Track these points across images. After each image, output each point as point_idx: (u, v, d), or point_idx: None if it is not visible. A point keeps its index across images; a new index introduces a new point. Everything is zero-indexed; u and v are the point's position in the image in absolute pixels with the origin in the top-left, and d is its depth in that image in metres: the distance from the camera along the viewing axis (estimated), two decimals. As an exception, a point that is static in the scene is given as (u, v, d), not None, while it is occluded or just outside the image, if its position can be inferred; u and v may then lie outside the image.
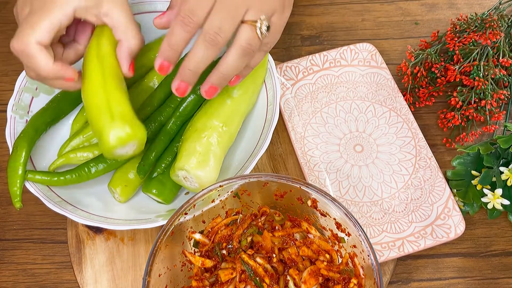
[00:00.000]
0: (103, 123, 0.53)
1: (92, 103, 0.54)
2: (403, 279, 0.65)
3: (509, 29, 0.75)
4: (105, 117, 0.53)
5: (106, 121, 0.53)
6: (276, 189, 0.57)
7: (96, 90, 0.54)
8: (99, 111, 0.53)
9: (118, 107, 0.54)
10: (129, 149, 0.55)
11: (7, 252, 0.67)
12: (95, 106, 0.54)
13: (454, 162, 0.66)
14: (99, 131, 0.53)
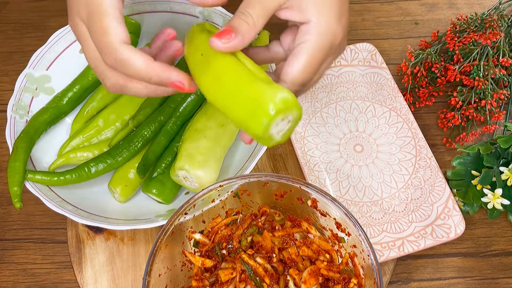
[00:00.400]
0: (260, 90, 0.43)
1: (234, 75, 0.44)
2: (403, 279, 0.65)
3: (509, 29, 0.75)
4: (258, 83, 0.43)
5: (263, 87, 0.43)
6: (276, 189, 0.57)
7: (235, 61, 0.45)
8: (247, 81, 0.43)
9: (263, 74, 0.45)
10: (282, 126, 0.44)
11: (7, 252, 0.67)
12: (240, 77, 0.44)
13: (454, 162, 0.66)
14: (252, 102, 0.43)
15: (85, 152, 0.65)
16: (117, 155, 0.63)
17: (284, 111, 0.43)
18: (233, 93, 0.44)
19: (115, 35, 0.43)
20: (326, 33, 0.45)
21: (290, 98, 0.43)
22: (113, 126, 0.67)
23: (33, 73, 0.67)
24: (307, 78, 0.46)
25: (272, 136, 0.44)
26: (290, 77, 0.46)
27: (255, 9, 0.44)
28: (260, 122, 0.42)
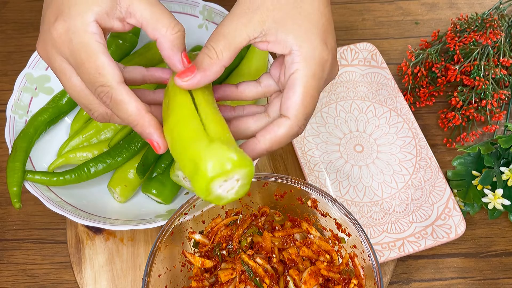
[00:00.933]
0: (198, 149, 0.40)
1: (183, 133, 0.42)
2: (404, 279, 0.65)
3: (509, 29, 0.75)
4: (200, 142, 0.41)
5: (201, 146, 0.40)
6: (276, 189, 0.57)
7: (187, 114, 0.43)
8: (192, 138, 0.42)
9: (213, 128, 0.42)
10: (231, 185, 0.42)
11: (6, 252, 0.67)
12: (188, 135, 0.42)
13: (455, 162, 0.66)
14: (193, 163, 0.41)
15: (85, 152, 0.65)
16: (117, 155, 0.63)
17: (223, 174, 0.40)
18: (180, 150, 0.43)
19: (111, 75, 0.43)
20: (313, 56, 0.43)
21: (230, 160, 0.40)
22: (113, 126, 0.67)
23: (32, 73, 0.67)
24: (309, 108, 0.44)
25: (220, 196, 0.42)
26: (291, 112, 0.44)
27: (219, 42, 0.43)
28: (199, 185, 0.40)
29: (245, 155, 0.41)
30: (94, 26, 0.43)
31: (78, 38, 0.42)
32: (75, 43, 0.43)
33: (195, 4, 0.70)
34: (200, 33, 0.72)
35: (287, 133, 0.44)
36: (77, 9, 0.43)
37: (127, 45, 0.70)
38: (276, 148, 0.45)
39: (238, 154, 0.40)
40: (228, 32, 0.43)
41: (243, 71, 0.66)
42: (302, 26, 0.43)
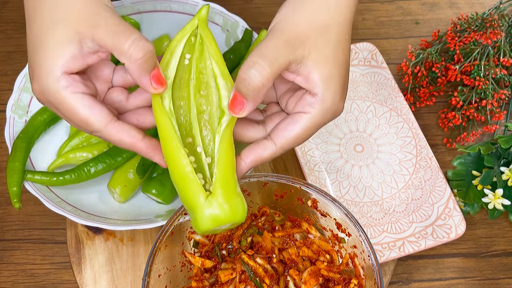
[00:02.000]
0: (194, 201, 0.43)
1: (175, 172, 0.44)
2: (404, 279, 0.65)
3: (509, 29, 0.75)
4: (195, 192, 0.43)
5: (197, 199, 0.43)
6: (276, 189, 0.57)
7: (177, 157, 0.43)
8: (186, 182, 0.43)
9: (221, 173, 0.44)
10: (224, 227, 0.45)
11: (6, 253, 0.67)
12: (180, 176, 0.43)
13: (455, 162, 0.66)
14: (189, 207, 0.44)
15: (85, 152, 0.65)
16: (117, 155, 0.63)
17: (217, 226, 0.43)
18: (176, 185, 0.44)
19: (97, 123, 0.44)
20: (329, 109, 0.45)
21: (224, 215, 0.43)
22: (113, 126, 0.67)
23: (32, 73, 0.67)
24: (295, 145, 0.47)
25: (214, 231, 0.45)
26: (280, 142, 0.46)
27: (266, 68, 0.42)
28: (197, 228, 0.44)
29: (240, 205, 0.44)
30: (64, 80, 0.43)
31: (54, 98, 0.43)
32: (54, 102, 0.44)
33: (195, 4, 0.70)
34: (200, 33, 0.72)
35: (270, 157, 0.47)
36: (44, 68, 0.43)
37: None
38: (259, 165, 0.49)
39: (231, 208, 0.43)
40: (273, 56, 0.43)
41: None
42: (334, 77, 0.45)
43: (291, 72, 0.45)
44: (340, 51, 0.45)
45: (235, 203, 0.43)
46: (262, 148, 0.47)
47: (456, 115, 0.72)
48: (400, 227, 0.64)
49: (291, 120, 0.46)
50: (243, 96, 0.43)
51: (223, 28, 0.70)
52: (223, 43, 0.71)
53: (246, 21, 0.70)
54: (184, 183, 0.43)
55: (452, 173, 0.67)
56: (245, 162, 0.47)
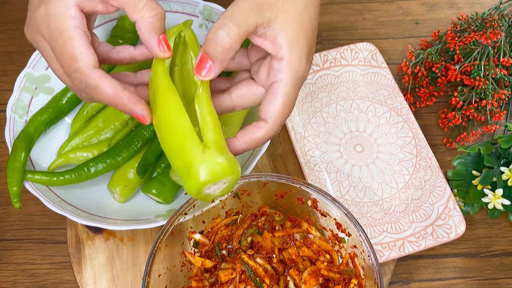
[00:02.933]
0: (192, 154, 0.43)
1: (173, 131, 0.44)
2: (404, 279, 0.65)
3: (509, 29, 0.75)
4: (193, 147, 0.43)
5: (196, 151, 0.43)
6: (276, 189, 0.57)
7: (178, 114, 0.44)
8: (184, 139, 0.43)
9: (210, 133, 0.44)
10: (218, 187, 0.45)
11: (6, 252, 0.67)
12: (179, 134, 0.44)
13: (455, 162, 0.66)
14: (185, 164, 0.43)
15: (85, 152, 0.65)
16: (117, 155, 0.63)
17: (213, 181, 0.43)
18: (171, 147, 0.44)
19: (84, 61, 0.44)
20: (298, 71, 0.46)
21: (221, 168, 0.43)
22: (113, 126, 0.67)
23: (32, 72, 0.67)
24: (286, 115, 0.47)
25: (208, 194, 0.45)
26: (271, 118, 0.47)
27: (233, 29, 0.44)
28: (190, 186, 0.43)
29: (234, 162, 0.44)
30: (74, 11, 0.44)
31: (56, 22, 0.44)
32: (52, 26, 0.44)
33: (195, 4, 0.70)
34: (200, 33, 0.72)
35: (265, 136, 0.47)
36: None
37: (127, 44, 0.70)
38: (253, 148, 0.49)
39: (228, 162, 0.43)
40: (240, 18, 0.44)
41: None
42: (299, 40, 0.46)
43: (259, 36, 0.46)
44: (306, 15, 0.46)
45: (231, 159, 0.44)
46: (256, 128, 0.47)
47: (456, 115, 0.72)
48: (400, 227, 0.64)
49: (270, 94, 0.47)
50: (210, 57, 0.44)
51: (223, 28, 0.70)
52: (223, 43, 0.71)
53: (246, 21, 0.70)
54: (181, 141, 0.43)
55: (452, 173, 0.67)
56: (240, 142, 0.47)
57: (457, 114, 0.72)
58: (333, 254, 0.56)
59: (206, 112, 0.45)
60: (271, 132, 0.47)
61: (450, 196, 0.65)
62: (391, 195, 0.67)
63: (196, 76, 0.45)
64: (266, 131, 0.47)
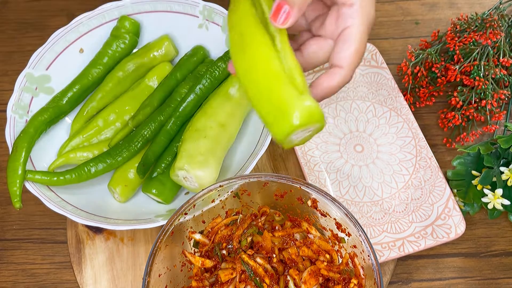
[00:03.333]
0: (288, 97, 0.42)
1: (265, 74, 0.43)
2: (404, 279, 0.65)
3: (509, 29, 0.75)
4: (288, 89, 0.42)
5: (291, 94, 0.42)
6: (276, 189, 0.57)
7: (270, 55, 0.43)
8: (278, 82, 0.43)
9: (299, 78, 0.44)
10: (302, 135, 0.45)
11: (6, 252, 0.67)
12: (272, 78, 0.43)
13: (455, 162, 0.66)
14: (277, 108, 0.43)
15: (85, 152, 0.65)
16: (117, 155, 0.63)
17: (308, 124, 0.43)
18: (262, 91, 0.44)
19: None
20: (369, 15, 0.47)
21: (317, 111, 0.42)
22: (113, 126, 0.67)
23: (33, 73, 0.67)
24: (359, 61, 0.48)
25: (291, 141, 0.45)
26: (345, 63, 0.47)
27: None
28: (282, 130, 0.43)
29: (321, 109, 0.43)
30: None
31: None
32: None
33: (195, 4, 0.70)
34: (200, 33, 0.72)
35: (341, 82, 0.47)
36: None
37: (127, 45, 0.70)
38: (329, 96, 0.48)
39: (319, 108, 0.43)
40: None
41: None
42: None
43: None
44: None
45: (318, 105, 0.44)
46: (331, 75, 0.47)
47: (455, 115, 0.72)
48: (400, 227, 0.64)
49: (343, 40, 0.47)
50: (287, 2, 0.44)
51: (224, 28, 0.71)
52: (223, 43, 0.71)
53: (246, 21, 0.70)
54: (274, 84, 0.43)
55: (452, 173, 0.67)
56: (318, 90, 0.47)
57: (456, 114, 0.72)
58: (333, 254, 0.56)
59: (290, 58, 0.45)
60: (346, 78, 0.47)
61: (450, 196, 0.65)
62: (391, 195, 0.67)
63: (273, 24, 0.44)
64: (342, 77, 0.47)
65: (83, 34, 0.70)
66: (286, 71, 0.44)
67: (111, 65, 0.70)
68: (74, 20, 0.69)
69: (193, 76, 0.68)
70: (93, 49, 0.70)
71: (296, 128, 0.42)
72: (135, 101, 0.68)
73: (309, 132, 0.44)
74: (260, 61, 0.44)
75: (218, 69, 0.67)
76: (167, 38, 0.71)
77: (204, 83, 0.66)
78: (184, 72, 0.69)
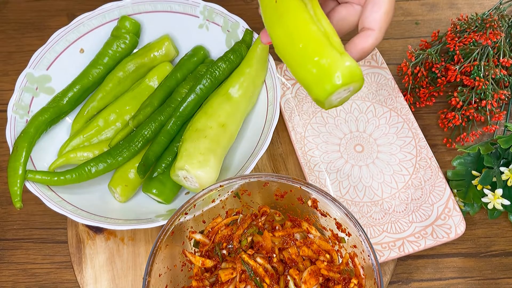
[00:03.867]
0: (329, 57, 0.44)
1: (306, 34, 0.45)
2: (404, 279, 0.65)
3: (509, 29, 0.75)
4: (329, 50, 0.45)
5: (333, 55, 0.44)
6: (276, 189, 0.57)
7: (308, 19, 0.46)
8: (319, 44, 0.45)
9: (337, 39, 0.47)
10: (341, 95, 0.47)
11: (7, 252, 0.67)
12: (312, 38, 0.45)
13: (455, 162, 0.66)
14: (319, 69, 0.45)
15: (85, 152, 0.65)
16: (117, 155, 0.63)
17: (350, 83, 0.45)
18: (303, 55, 0.46)
19: None
20: None
21: (358, 70, 0.45)
22: (113, 126, 0.67)
23: (33, 73, 0.67)
24: (388, 23, 0.50)
25: (331, 102, 0.47)
26: (377, 25, 0.49)
27: None
28: (324, 90, 0.45)
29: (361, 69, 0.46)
30: None
31: None
32: None
33: (195, 4, 0.70)
34: (200, 33, 0.72)
35: (374, 44, 0.50)
36: None
37: (127, 45, 0.70)
38: (363, 58, 0.51)
39: (359, 67, 0.45)
40: None
41: (243, 70, 0.66)
42: None
43: None
44: None
45: None
46: (365, 37, 0.50)
47: (456, 115, 0.72)
48: (400, 227, 0.64)
49: (372, 3, 0.50)
50: None
51: (224, 28, 0.71)
52: (223, 43, 0.71)
53: (247, 22, 0.70)
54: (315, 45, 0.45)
55: (452, 173, 0.67)
56: (354, 53, 0.50)
57: (457, 114, 0.72)
58: (333, 254, 0.56)
59: (325, 22, 0.47)
60: (378, 39, 0.50)
61: (450, 196, 0.65)
62: (391, 195, 0.67)
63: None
64: (374, 39, 0.50)
65: (84, 34, 0.70)
66: (324, 33, 0.46)
67: (111, 65, 0.70)
68: (74, 20, 0.69)
69: (193, 76, 0.69)
70: (94, 49, 0.70)
71: (339, 87, 0.44)
72: (135, 101, 0.68)
73: (348, 93, 0.47)
74: (299, 25, 0.46)
75: (218, 69, 0.67)
76: (168, 38, 0.71)
77: (205, 83, 0.66)
78: (185, 72, 0.69)
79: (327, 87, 0.44)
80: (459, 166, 0.66)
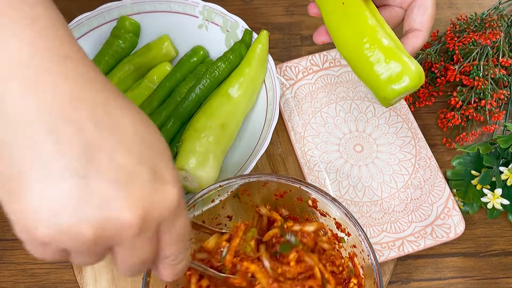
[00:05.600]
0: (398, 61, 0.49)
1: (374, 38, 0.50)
2: (403, 279, 0.65)
3: (508, 29, 0.75)
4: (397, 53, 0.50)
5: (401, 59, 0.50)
6: (276, 189, 0.57)
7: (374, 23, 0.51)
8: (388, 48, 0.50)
9: (399, 42, 0.52)
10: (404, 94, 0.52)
11: (6, 252, 0.67)
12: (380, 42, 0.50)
13: (454, 162, 0.66)
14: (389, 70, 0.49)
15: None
16: (117, 155, 0.63)
17: (418, 85, 0.49)
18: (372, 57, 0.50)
19: None
20: None
21: (422, 74, 0.49)
22: (113, 126, 0.67)
23: (32, 73, 0.67)
24: (432, 24, 0.55)
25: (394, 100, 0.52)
26: (425, 26, 0.54)
27: None
28: (393, 91, 0.49)
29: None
30: None
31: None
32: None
33: (195, 4, 0.70)
34: (200, 33, 0.72)
35: (422, 43, 0.55)
36: None
37: (127, 45, 0.70)
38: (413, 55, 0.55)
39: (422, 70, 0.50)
40: None
41: (243, 70, 0.66)
42: None
43: None
44: None
45: None
46: (415, 37, 0.55)
47: (455, 115, 0.72)
48: (400, 227, 0.65)
49: (418, 6, 0.54)
50: None
51: (223, 28, 0.71)
52: (223, 43, 0.72)
53: (246, 22, 0.70)
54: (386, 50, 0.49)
55: (451, 172, 0.67)
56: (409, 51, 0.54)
57: (456, 114, 0.72)
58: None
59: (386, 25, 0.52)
60: (425, 40, 0.55)
61: (449, 196, 0.65)
62: (391, 195, 0.67)
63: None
64: (423, 38, 0.55)
65: (83, 34, 0.70)
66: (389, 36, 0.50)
67: (111, 65, 0.70)
68: (74, 20, 0.69)
69: (193, 76, 0.69)
70: (93, 49, 0.70)
71: (408, 88, 0.49)
72: (135, 101, 0.68)
73: (407, 91, 0.50)
74: (367, 28, 0.50)
75: (218, 69, 0.67)
76: (167, 38, 0.71)
77: (204, 83, 0.66)
78: (184, 72, 0.69)
79: (398, 89, 0.49)
80: (458, 166, 0.66)
